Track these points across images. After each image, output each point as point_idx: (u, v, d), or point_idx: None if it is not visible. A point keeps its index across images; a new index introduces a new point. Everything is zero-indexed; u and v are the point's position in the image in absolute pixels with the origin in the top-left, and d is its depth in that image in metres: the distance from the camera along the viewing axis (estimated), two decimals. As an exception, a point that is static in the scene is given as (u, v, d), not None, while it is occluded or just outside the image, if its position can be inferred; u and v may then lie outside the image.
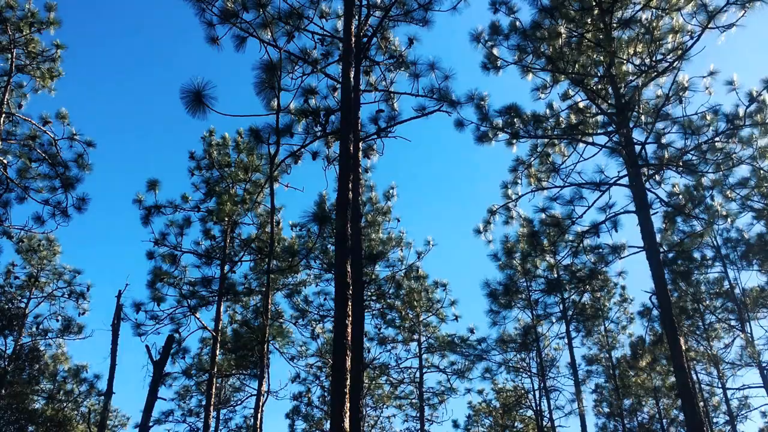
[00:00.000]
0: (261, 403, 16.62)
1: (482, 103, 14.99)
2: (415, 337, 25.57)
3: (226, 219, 19.46)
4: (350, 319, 9.50)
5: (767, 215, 19.72)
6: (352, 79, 11.99)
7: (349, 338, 9.28)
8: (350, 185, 10.75)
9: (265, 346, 16.31)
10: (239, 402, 26.06)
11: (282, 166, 15.04)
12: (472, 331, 24.82)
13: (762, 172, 18.66)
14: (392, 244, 23.39)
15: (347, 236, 9.95)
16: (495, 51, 14.96)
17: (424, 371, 25.69)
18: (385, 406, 28.01)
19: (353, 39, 11.95)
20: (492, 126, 15.30)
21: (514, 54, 14.96)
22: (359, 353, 9.92)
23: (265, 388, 15.85)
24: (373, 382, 26.28)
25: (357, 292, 10.23)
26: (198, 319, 18.49)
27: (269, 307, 18.35)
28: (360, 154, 12.14)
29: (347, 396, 8.84)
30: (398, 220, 23.44)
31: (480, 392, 29.29)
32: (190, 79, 9.84)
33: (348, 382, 9.00)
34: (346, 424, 8.61)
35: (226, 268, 19.34)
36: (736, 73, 14.41)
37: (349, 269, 9.73)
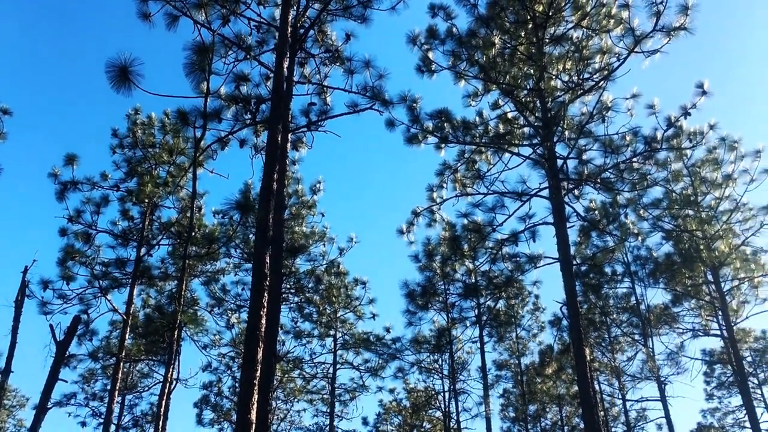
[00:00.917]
0: (168, 390, 16.29)
1: (414, 105, 15.10)
2: (332, 332, 25.58)
3: (147, 200, 18.96)
4: (265, 310, 9.42)
5: (676, 236, 20.61)
6: (285, 70, 11.89)
7: (263, 330, 9.20)
8: (276, 176, 10.66)
9: (176, 333, 15.99)
10: (147, 388, 25.42)
11: (208, 151, 14.80)
12: (388, 330, 25.03)
13: (674, 194, 19.54)
14: (315, 239, 23.32)
15: (269, 227, 9.87)
16: (430, 55, 15.09)
17: (337, 367, 25.73)
18: (296, 400, 27.86)
19: (290, 29, 11.86)
20: (422, 129, 15.44)
21: (449, 59, 15.14)
22: (273, 345, 9.85)
23: (174, 375, 15.54)
24: (286, 376, 26.11)
25: (275, 284, 10.16)
26: (109, 301, 17.96)
27: (184, 293, 18.00)
28: (288, 145, 12.06)
29: (256, 388, 8.77)
30: (323, 215, 23.40)
31: (391, 391, 29.53)
32: (117, 54, 9.55)
33: (258, 374, 8.93)
34: (253, 416, 8.53)
35: (143, 250, 18.84)
36: (657, 98, 15.00)
37: (268, 260, 9.66)
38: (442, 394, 25.19)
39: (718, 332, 21.65)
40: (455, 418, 23.16)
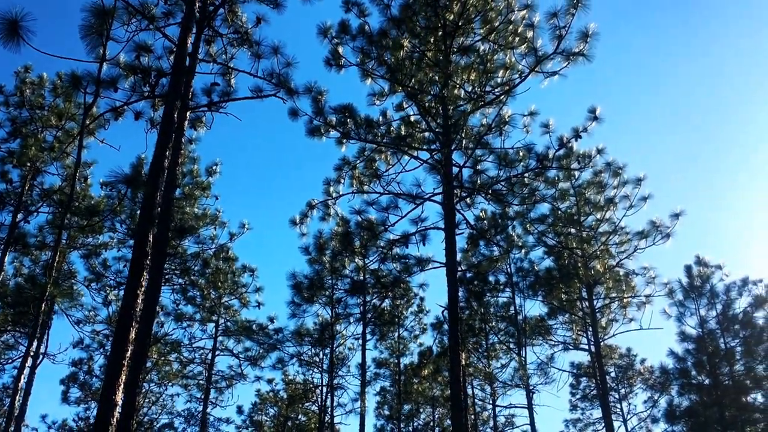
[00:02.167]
0: (33, 365, 15.53)
1: (320, 97, 15.04)
2: (214, 318, 25.11)
3: (29, 164, 17.99)
4: (143, 289, 9.14)
5: (557, 252, 21.51)
6: (190, 45, 11.56)
7: (138, 309, 8.91)
8: (169, 153, 10.35)
9: (45, 305, 15.24)
10: (10, 360, 24.10)
11: (100, 120, 14.19)
12: (272, 320, 24.81)
13: (559, 212, 20.37)
14: (206, 221, 22.84)
15: (155, 204, 9.57)
16: (340, 49, 15.08)
17: (216, 353, 25.29)
18: (170, 383, 27.18)
19: (198, 4, 11.55)
20: (326, 122, 15.40)
21: (358, 56, 15.18)
22: (149, 326, 9.54)
23: (42, 350, 14.82)
24: (162, 358, 25.42)
25: (157, 263, 9.85)
26: (-24, 266, 16.92)
27: (61, 265, 17.20)
28: (186, 123, 11.71)
29: (125, 368, 8.48)
30: (217, 198, 22.96)
31: (270, 381, 29.34)
32: (8, 6, 9.01)
33: (129, 354, 8.64)
34: (119, 397, 8.25)
35: (20, 216, 17.86)
36: (552, 118, 15.62)
37: (151, 238, 9.36)
38: (320, 387, 25.25)
39: (587, 347, 22.79)
40: (330, 412, 23.27)
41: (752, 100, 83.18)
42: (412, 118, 16.32)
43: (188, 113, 11.82)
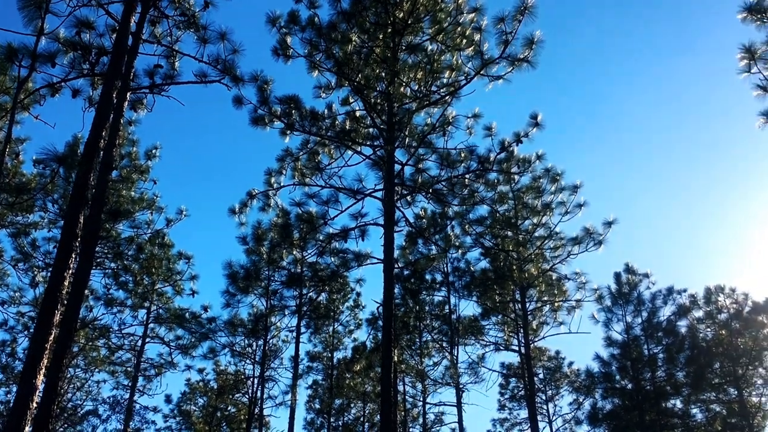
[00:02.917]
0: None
1: (265, 86, 14.88)
2: (146, 304, 24.63)
3: (-45, 136, 17.26)
4: (71, 272, 8.91)
5: (494, 254, 21.87)
6: (133, 25, 11.32)
7: (64, 291, 8.70)
8: (106, 133, 10.11)
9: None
10: (-73, 340, 23.15)
11: (36, 95, 13.73)
12: (206, 309, 24.46)
13: (498, 215, 20.71)
14: (143, 205, 22.36)
15: (88, 184, 9.34)
16: (288, 40, 14.95)
17: (147, 341, 24.82)
18: (97, 369, 26.53)
19: (144, -17, 11.30)
20: (270, 112, 15.25)
21: (306, 48, 15.06)
22: (76, 310, 9.30)
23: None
24: (90, 344, 24.79)
25: (87, 246, 9.62)
26: None
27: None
28: (126, 104, 11.47)
29: (47, 352, 8.27)
30: (155, 182, 22.47)
31: (201, 371, 28.98)
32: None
33: (52, 337, 8.43)
34: (39, 381, 8.04)
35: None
36: (495, 122, 15.82)
37: (81, 220, 9.13)
38: (251, 379, 25.05)
39: (517, 348, 23.23)
40: (260, 404, 23.11)
41: (696, 111, 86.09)
42: (358, 114, 16.30)
43: (129, 94, 11.57)
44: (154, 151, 22.36)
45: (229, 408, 32.13)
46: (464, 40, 14.46)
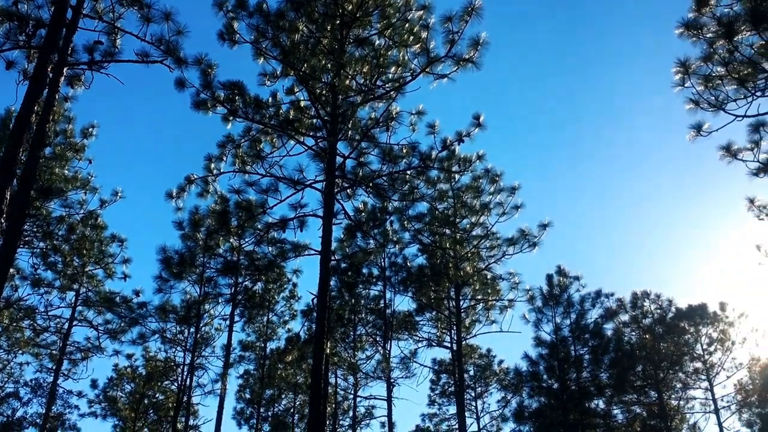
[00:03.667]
0: None
1: (209, 70, 14.65)
2: (75, 286, 24.00)
3: None
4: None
5: (431, 251, 22.11)
6: (74, -2, 11.01)
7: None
8: (38, 108, 9.82)
9: None
10: None
11: (-34, 65, 13.21)
12: (137, 293, 23.92)
13: (437, 212, 20.93)
14: (76, 185, 21.78)
15: (17, 159, 9.06)
16: (235, 25, 14.76)
17: (74, 323, 24.19)
18: (20, 351, 25.74)
19: (87, -44, 11.00)
20: (213, 96, 15.02)
21: (253, 34, 14.91)
22: (-2, 288, 9.02)
23: None
24: (14, 325, 24.02)
25: (14, 224, 9.33)
26: None
27: None
28: (62, 79, 11.18)
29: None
30: (90, 162, 21.92)
31: (129, 357, 28.46)
32: None
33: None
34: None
35: None
36: (438, 120, 15.97)
37: (8, 196, 8.85)
38: (181, 366, 24.70)
39: (449, 345, 23.55)
40: (189, 392, 22.83)
41: (631, 119, 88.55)
42: (302, 104, 16.20)
43: (66, 69, 11.27)
44: (90, 129, 21.81)
45: (157, 395, 31.64)
46: (411, 37, 14.52)
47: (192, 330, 23.70)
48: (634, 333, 29.58)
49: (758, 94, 13.21)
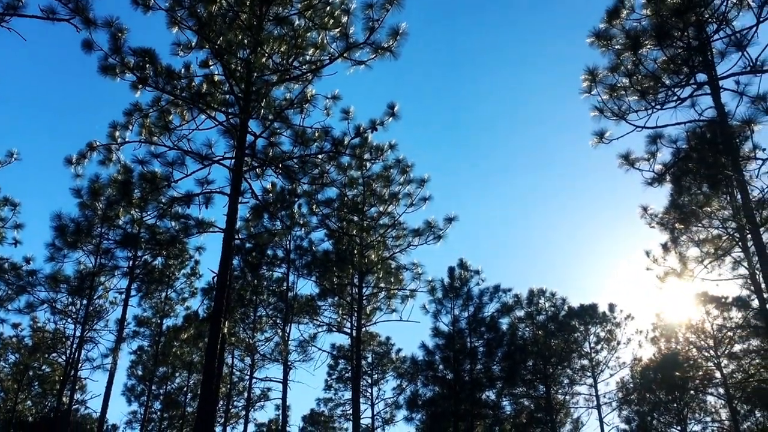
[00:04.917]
0: None
1: (119, 34, 14.08)
2: (-41, 250, 22.74)
3: None
4: None
5: (338, 237, 22.15)
6: (-24, -57, 10.35)
7: None
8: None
9: None
10: None
11: None
12: (28, 260, 22.90)
13: (346, 199, 20.97)
14: (-33, 143, 20.57)
15: None
16: (151, -11, 14.26)
17: (-44, 289, 22.89)
18: None
19: None
20: (122, 62, 14.47)
21: (169, 2, 14.46)
22: None
23: None
24: None
25: None
26: None
27: None
28: (-42, 28, 10.53)
29: None
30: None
31: (15, 326, 27.21)
32: None
33: None
34: None
35: None
36: (353, 106, 15.99)
37: None
38: (71, 339, 23.82)
39: (349, 331, 23.71)
40: (76, 366, 22.07)
41: (542, 122, 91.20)
42: (216, 78, 15.84)
43: (-38, 18, 10.62)
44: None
45: (43, 367, 30.43)
46: (332, 20, 14.43)
47: (84, 302, 22.88)
48: (528, 329, 30.68)
49: (658, 107, 13.92)
